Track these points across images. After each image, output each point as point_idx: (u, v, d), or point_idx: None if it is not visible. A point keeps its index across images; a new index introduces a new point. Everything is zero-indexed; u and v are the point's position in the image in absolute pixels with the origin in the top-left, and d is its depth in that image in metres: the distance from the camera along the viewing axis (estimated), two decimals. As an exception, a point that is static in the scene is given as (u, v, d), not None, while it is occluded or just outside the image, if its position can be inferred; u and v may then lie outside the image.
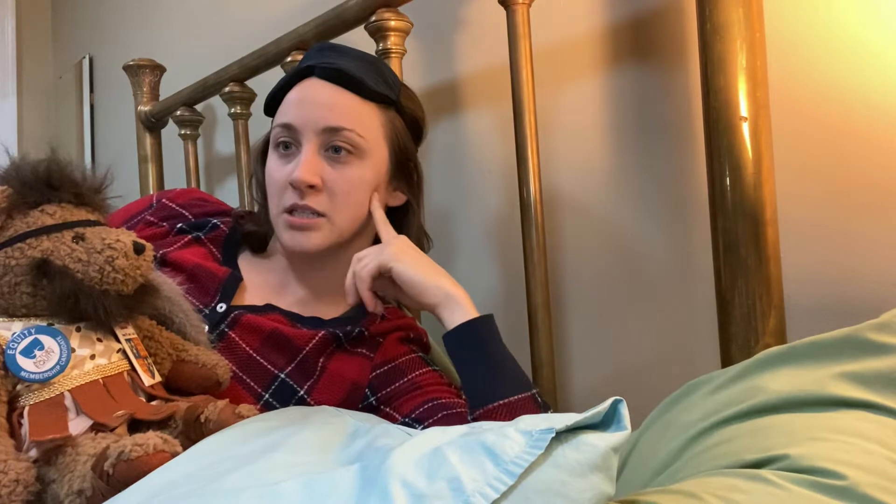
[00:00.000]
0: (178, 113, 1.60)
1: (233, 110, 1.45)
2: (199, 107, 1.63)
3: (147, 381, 0.64)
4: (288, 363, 0.82)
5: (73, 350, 0.60)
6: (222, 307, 0.84)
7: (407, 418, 0.79)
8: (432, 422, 0.77)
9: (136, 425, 0.60)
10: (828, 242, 0.80)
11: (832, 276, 0.79)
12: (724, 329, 0.77)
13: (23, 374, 0.56)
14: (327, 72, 0.84)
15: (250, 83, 1.43)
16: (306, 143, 0.83)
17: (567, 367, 1.06)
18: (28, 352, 0.57)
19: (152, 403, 0.63)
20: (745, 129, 0.75)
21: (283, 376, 0.82)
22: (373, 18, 1.08)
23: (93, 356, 0.61)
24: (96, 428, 0.57)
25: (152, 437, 0.52)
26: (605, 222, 1.01)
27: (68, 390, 0.58)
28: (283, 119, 0.85)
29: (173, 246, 0.91)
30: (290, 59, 1.24)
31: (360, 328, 0.85)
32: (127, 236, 0.64)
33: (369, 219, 0.87)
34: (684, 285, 0.93)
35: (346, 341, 0.84)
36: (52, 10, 2.79)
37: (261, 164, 0.92)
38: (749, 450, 0.53)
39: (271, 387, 0.81)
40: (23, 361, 0.57)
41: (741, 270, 0.75)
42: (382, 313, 0.84)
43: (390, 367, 0.84)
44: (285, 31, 1.26)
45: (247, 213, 0.96)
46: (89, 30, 2.48)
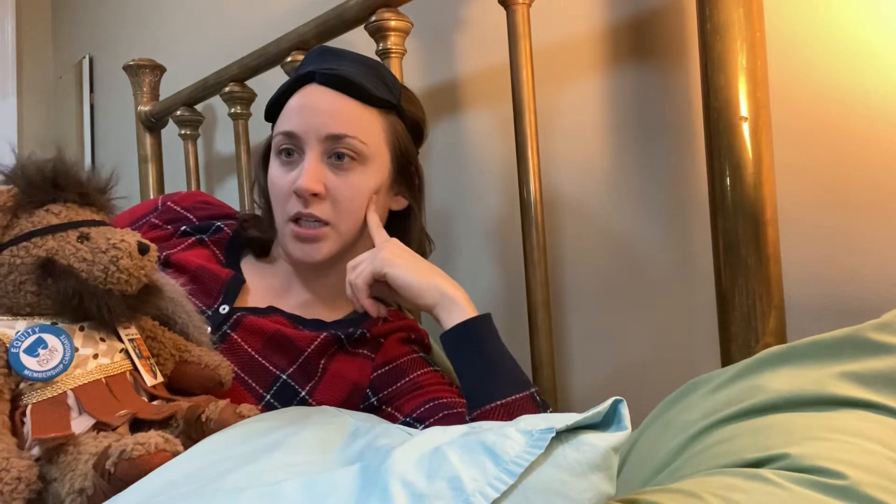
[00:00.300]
0: (178, 113, 1.60)
1: (233, 110, 1.45)
2: (199, 107, 1.63)
3: (149, 381, 0.64)
4: (290, 364, 0.82)
5: (77, 349, 0.60)
6: (225, 309, 0.84)
7: (408, 418, 0.79)
8: (433, 421, 0.77)
9: (138, 425, 0.60)
10: (828, 242, 0.80)
11: (832, 276, 0.80)
12: (724, 329, 0.77)
13: (26, 372, 0.57)
14: (328, 78, 0.84)
15: (250, 83, 1.43)
16: (309, 150, 0.83)
17: (567, 366, 1.06)
18: (32, 350, 0.58)
19: (154, 403, 0.63)
20: (745, 128, 0.75)
21: (284, 377, 0.82)
22: (373, 18, 1.08)
23: (96, 356, 0.61)
24: (98, 427, 0.57)
25: (154, 437, 0.52)
26: (605, 222, 1.01)
27: (71, 389, 0.58)
28: (284, 127, 0.85)
29: (177, 248, 0.91)
30: (290, 59, 1.24)
31: (361, 330, 0.85)
32: (132, 236, 0.64)
33: None
34: (684, 285, 0.93)
35: (347, 343, 0.84)
36: (52, 10, 2.79)
37: (263, 170, 0.91)
38: (749, 449, 0.53)
39: (273, 388, 0.81)
40: (26, 360, 0.57)
41: (741, 270, 0.75)
42: (385, 316, 0.84)
43: (391, 367, 0.84)
44: (285, 31, 1.26)
45: (251, 217, 0.96)
46: (89, 30, 2.48)
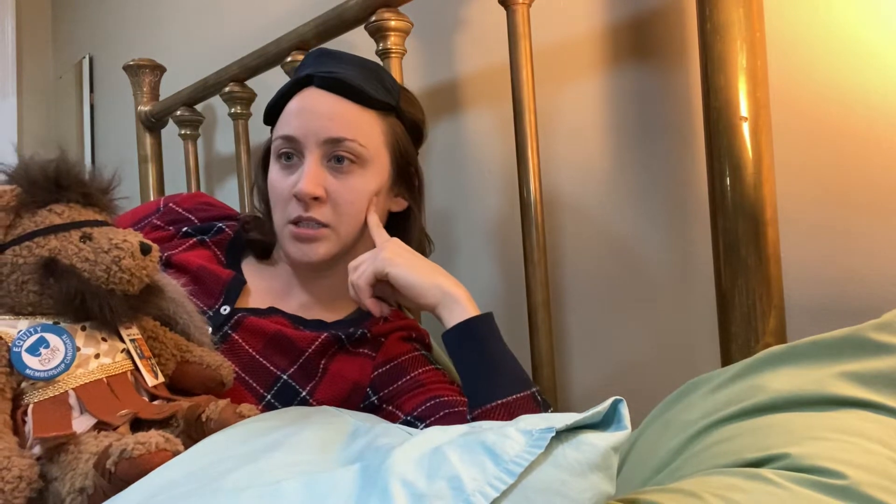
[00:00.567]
0: (178, 113, 1.60)
1: (233, 110, 1.45)
2: (199, 107, 1.63)
3: (150, 381, 0.64)
4: (290, 364, 0.82)
5: (78, 349, 0.60)
6: (226, 309, 0.84)
7: (409, 416, 0.79)
8: (434, 420, 0.77)
9: (139, 424, 0.60)
10: (828, 242, 0.80)
11: (832, 276, 0.80)
12: (724, 329, 0.77)
13: (28, 371, 0.57)
14: (327, 81, 0.84)
15: (250, 83, 1.43)
16: (308, 154, 0.83)
17: (567, 366, 1.06)
18: (33, 350, 0.58)
19: (155, 403, 0.63)
20: (745, 128, 0.75)
21: (285, 377, 0.82)
22: (373, 18, 1.08)
23: (97, 355, 0.61)
24: (99, 427, 0.57)
25: (154, 436, 0.52)
26: (605, 222, 1.01)
27: (72, 389, 0.58)
28: (284, 131, 0.85)
29: (178, 248, 0.91)
30: (290, 59, 1.24)
31: (362, 329, 0.85)
32: (134, 237, 0.64)
33: None
34: (684, 285, 0.93)
35: (348, 343, 0.84)
36: (52, 10, 2.79)
37: (262, 174, 0.91)
38: (749, 449, 0.53)
39: (273, 388, 0.81)
40: (28, 359, 0.57)
41: (741, 270, 0.75)
42: (388, 315, 0.84)
43: (392, 365, 0.84)
44: (285, 31, 1.26)
45: (252, 219, 0.96)
46: (89, 30, 2.48)
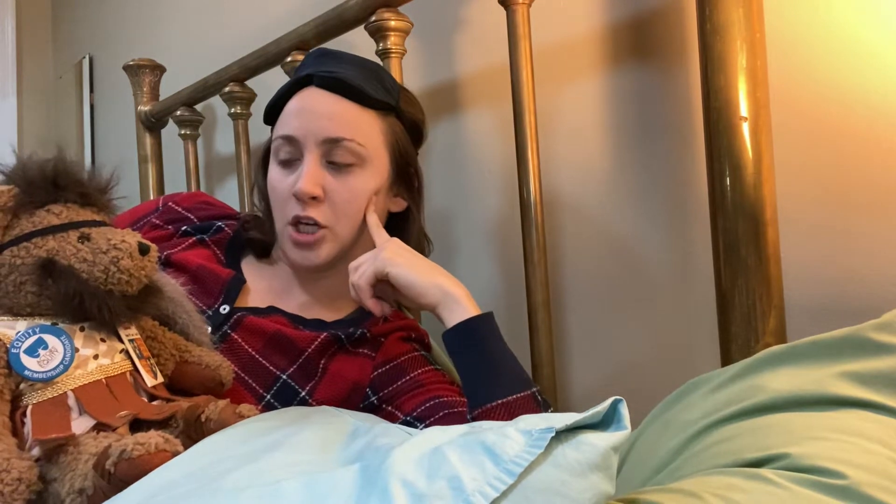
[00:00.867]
0: (178, 113, 1.60)
1: (233, 110, 1.45)
2: (199, 107, 1.63)
3: (150, 381, 0.64)
4: (290, 364, 0.82)
5: (77, 350, 0.60)
6: (225, 309, 0.84)
7: (409, 417, 0.79)
8: (434, 420, 0.77)
9: (138, 425, 0.60)
10: (828, 242, 0.80)
11: (832, 276, 0.80)
12: (724, 329, 0.77)
13: (26, 373, 0.57)
14: (326, 81, 0.84)
15: (250, 83, 1.43)
16: (308, 153, 0.83)
17: (567, 366, 1.06)
18: (32, 351, 0.58)
19: (154, 403, 0.63)
20: (745, 129, 0.75)
21: (284, 377, 0.82)
22: (373, 18, 1.08)
23: (96, 356, 0.61)
24: (99, 427, 0.57)
25: (154, 437, 0.52)
26: (605, 222, 1.01)
27: (71, 390, 0.58)
28: (283, 131, 0.85)
29: (177, 247, 0.91)
30: (290, 59, 1.24)
31: (362, 329, 0.85)
32: (132, 237, 0.64)
33: None
34: (684, 285, 0.93)
35: (347, 343, 0.84)
36: (52, 10, 2.79)
37: (262, 174, 0.91)
38: (749, 449, 0.53)
39: (273, 388, 0.81)
40: (27, 360, 0.57)
41: (741, 270, 0.75)
42: (388, 315, 0.84)
43: (392, 365, 0.84)
44: (285, 31, 1.26)
45: (252, 218, 0.96)
46: (89, 30, 2.48)
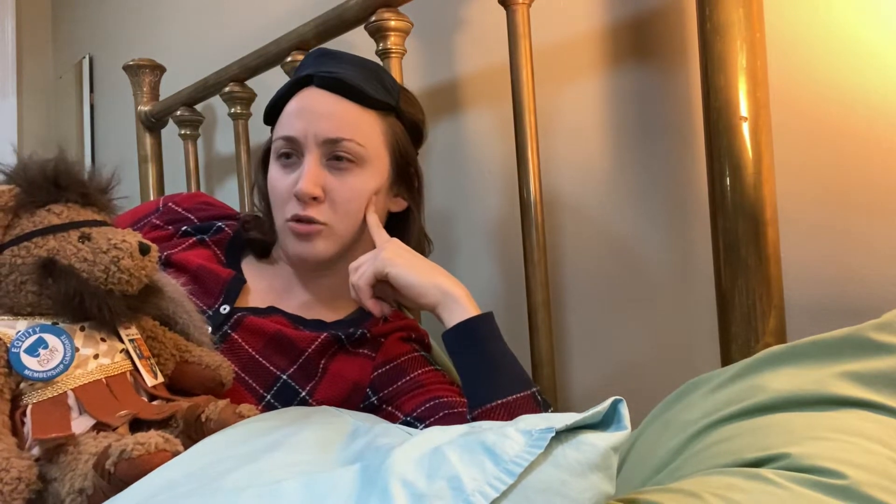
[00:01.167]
0: (178, 113, 1.60)
1: (233, 110, 1.45)
2: (199, 107, 1.63)
3: (150, 381, 0.64)
4: (290, 365, 0.82)
5: (77, 349, 0.60)
6: (226, 309, 0.84)
7: (409, 417, 0.79)
8: (434, 421, 0.77)
9: (138, 424, 0.60)
10: (828, 242, 0.80)
11: (832, 276, 0.80)
12: (724, 329, 0.77)
13: (26, 372, 0.57)
14: (326, 81, 0.84)
15: (250, 83, 1.43)
16: (308, 153, 0.83)
17: (567, 366, 1.06)
18: (32, 350, 0.58)
19: (154, 403, 0.63)
20: (745, 129, 0.75)
21: (285, 377, 0.82)
22: (373, 18, 1.08)
23: (96, 356, 0.61)
24: (99, 427, 0.57)
25: (154, 436, 0.52)
26: (606, 222, 1.01)
27: (71, 389, 0.58)
28: (283, 132, 0.85)
29: (178, 248, 0.91)
30: (290, 59, 1.24)
31: (362, 330, 0.85)
32: (133, 237, 0.64)
33: None
34: (684, 285, 0.93)
35: (348, 343, 0.84)
36: (52, 10, 2.79)
37: (262, 174, 0.92)
38: (749, 448, 0.53)
39: (273, 388, 0.81)
40: (27, 360, 0.57)
41: (741, 270, 0.75)
42: (388, 316, 0.84)
43: (392, 365, 0.84)
44: (285, 31, 1.26)
45: (252, 218, 0.96)
46: (89, 30, 2.48)
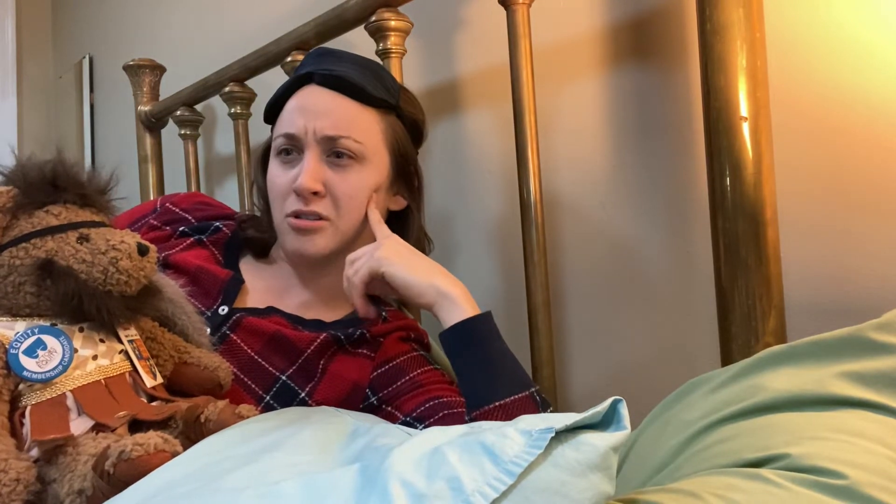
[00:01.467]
0: (178, 113, 1.60)
1: (233, 110, 1.45)
2: (199, 107, 1.62)
3: (149, 382, 0.64)
4: (290, 365, 0.82)
5: (76, 350, 0.60)
6: (224, 310, 0.84)
7: (408, 417, 0.79)
8: (433, 421, 0.77)
9: (137, 425, 0.60)
10: (828, 242, 0.80)
11: (832, 276, 0.79)
12: (724, 329, 0.77)
13: (25, 373, 0.57)
14: (327, 79, 0.84)
15: (250, 83, 1.43)
16: (308, 150, 0.83)
17: (567, 366, 1.06)
18: (31, 351, 0.57)
19: (153, 404, 0.63)
20: (745, 129, 0.75)
21: (284, 378, 0.82)
22: (373, 18, 1.08)
23: (95, 357, 0.61)
24: (97, 428, 0.57)
25: (153, 437, 0.52)
26: (606, 222, 1.01)
27: (70, 390, 0.58)
28: (284, 129, 0.85)
29: (175, 248, 0.91)
30: (290, 59, 1.24)
31: (361, 330, 0.85)
32: (131, 238, 0.64)
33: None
34: (684, 285, 0.93)
35: (347, 343, 0.84)
36: (52, 10, 2.79)
37: (262, 172, 0.92)
38: (749, 449, 0.53)
39: (272, 389, 0.81)
40: (25, 361, 0.57)
41: (741, 270, 0.75)
42: (380, 316, 0.84)
43: (391, 365, 0.84)
44: (285, 31, 1.26)
45: (250, 218, 0.96)
46: (89, 30, 2.48)
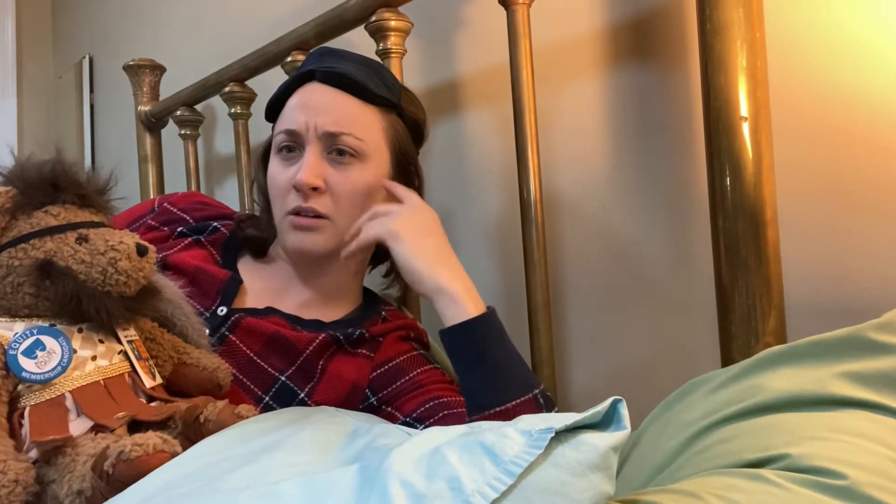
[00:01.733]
0: (178, 113, 1.60)
1: (233, 110, 1.45)
2: (199, 107, 1.62)
3: (148, 382, 0.64)
4: (289, 366, 0.82)
5: (75, 351, 0.60)
6: (223, 310, 0.84)
7: (409, 417, 0.79)
8: (434, 421, 0.77)
9: (136, 426, 0.60)
10: (828, 242, 0.80)
11: (832, 276, 0.79)
12: (724, 329, 0.77)
13: (24, 374, 0.57)
14: (328, 76, 0.84)
15: (250, 83, 1.43)
16: (309, 146, 0.83)
17: (567, 366, 1.06)
18: (30, 352, 0.57)
19: (152, 405, 0.63)
20: (745, 128, 0.75)
21: (283, 379, 0.82)
22: (373, 18, 1.07)
23: (94, 357, 0.61)
24: (97, 429, 0.57)
25: (152, 438, 0.52)
26: (606, 222, 1.01)
27: (69, 391, 0.58)
28: (285, 125, 0.85)
29: (173, 249, 0.91)
30: (290, 59, 1.24)
31: (360, 330, 0.85)
32: (130, 238, 0.64)
33: None
34: (684, 285, 0.92)
35: (346, 343, 0.84)
36: (52, 10, 2.79)
37: (262, 170, 0.92)
38: (749, 449, 0.52)
39: (272, 389, 0.81)
40: (24, 362, 0.57)
41: (741, 270, 0.75)
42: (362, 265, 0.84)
43: (391, 365, 0.84)
44: (285, 31, 1.26)
45: (248, 217, 0.96)
46: (89, 30, 2.48)
